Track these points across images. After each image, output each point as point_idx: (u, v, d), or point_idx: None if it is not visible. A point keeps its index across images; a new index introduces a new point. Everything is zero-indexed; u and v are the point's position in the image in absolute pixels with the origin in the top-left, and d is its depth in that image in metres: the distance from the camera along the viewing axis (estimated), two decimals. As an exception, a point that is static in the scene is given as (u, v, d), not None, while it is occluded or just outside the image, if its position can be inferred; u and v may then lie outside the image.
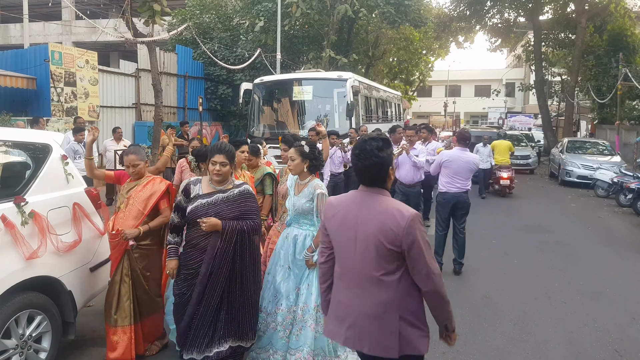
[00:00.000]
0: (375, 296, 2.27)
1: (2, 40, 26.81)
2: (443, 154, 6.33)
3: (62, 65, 12.46)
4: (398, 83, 32.31)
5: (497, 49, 30.33)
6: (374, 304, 2.27)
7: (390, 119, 17.20)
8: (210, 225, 3.24)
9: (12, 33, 27.19)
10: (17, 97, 12.49)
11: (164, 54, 16.58)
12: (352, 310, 2.32)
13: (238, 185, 3.46)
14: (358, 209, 2.31)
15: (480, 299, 5.40)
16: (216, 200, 3.34)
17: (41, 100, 12.37)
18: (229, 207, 3.35)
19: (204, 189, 3.42)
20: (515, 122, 33.35)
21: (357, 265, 2.29)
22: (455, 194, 6.05)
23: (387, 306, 2.26)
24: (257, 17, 17.57)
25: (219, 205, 3.34)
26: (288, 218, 3.77)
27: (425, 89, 42.89)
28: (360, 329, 2.29)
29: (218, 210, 3.32)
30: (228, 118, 19.19)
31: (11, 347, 3.24)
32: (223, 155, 3.30)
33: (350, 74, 11.79)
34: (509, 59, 49.80)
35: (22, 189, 3.51)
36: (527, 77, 39.41)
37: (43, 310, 3.47)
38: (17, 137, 3.86)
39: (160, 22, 12.38)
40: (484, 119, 44.35)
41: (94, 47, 17.19)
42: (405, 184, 7.00)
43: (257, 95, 12.22)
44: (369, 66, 25.54)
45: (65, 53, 12.70)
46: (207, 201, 3.34)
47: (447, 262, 6.26)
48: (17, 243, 3.26)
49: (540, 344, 4.33)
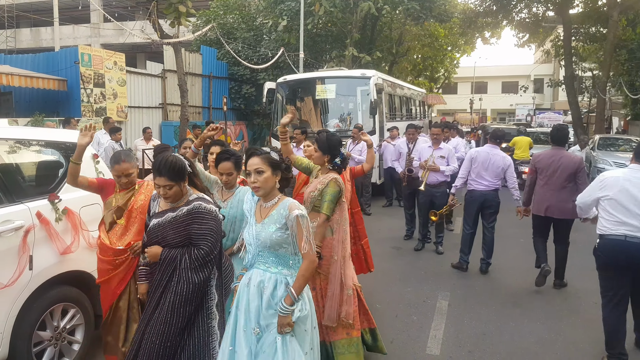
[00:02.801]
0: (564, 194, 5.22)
1: (34, 44, 27.63)
2: (471, 151, 6.26)
3: (91, 67, 12.77)
4: (422, 80, 32.03)
5: (524, 45, 29.61)
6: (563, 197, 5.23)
7: (415, 117, 17.05)
8: (151, 255, 2.76)
9: (43, 36, 28.00)
10: (49, 98, 12.87)
11: (189, 54, 16.81)
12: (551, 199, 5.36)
13: (193, 200, 2.76)
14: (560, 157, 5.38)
15: (508, 298, 5.32)
16: (164, 221, 2.74)
17: (72, 101, 12.72)
18: (174, 230, 2.71)
19: (160, 205, 2.84)
20: (544, 119, 32.66)
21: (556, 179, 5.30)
22: (483, 192, 5.96)
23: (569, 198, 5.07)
24: (280, 17, 17.66)
25: (165, 228, 2.72)
26: (249, 255, 2.67)
27: (451, 85, 42.46)
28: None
29: (164, 234, 2.73)
30: (252, 117, 19.35)
31: (46, 338, 3.36)
32: (164, 178, 2.64)
33: (373, 72, 11.74)
34: (537, 54, 48.70)
35: (55, 186, 3.64)
36: (557, 72, 38.54)
37: (76, 304, 3.59)
38: (50, 137, 3.98)
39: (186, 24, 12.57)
40: (512, 116, 43.62)
41: (122, 49, 17.55)
42: (430, 184, 6.82)
43: (281, 94, 12.27)
44: (392, 63, 25.37)
45: (94, 55, 13.00)
46: (158, 222, 2.76)
47: (474, 261, 6.19)
48: (51, 239, 3.38)
49: (570, 345, 4.25)
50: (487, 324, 4.63)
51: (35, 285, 3.23)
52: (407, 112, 16.28)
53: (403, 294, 5.36)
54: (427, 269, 6.26)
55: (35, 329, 3.26)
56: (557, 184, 5.34)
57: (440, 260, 6.64)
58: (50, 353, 3.39)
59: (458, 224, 8.66)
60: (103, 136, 9.18)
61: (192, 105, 16.45)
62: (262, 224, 2.56)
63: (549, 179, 5.41)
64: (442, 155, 6.81)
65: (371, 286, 5.37)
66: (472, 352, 4.08)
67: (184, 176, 2.74)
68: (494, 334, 4.43)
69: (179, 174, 2.68)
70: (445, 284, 5.71)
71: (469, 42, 30.66)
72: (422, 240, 7.15)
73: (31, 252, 3.21)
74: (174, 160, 2.67)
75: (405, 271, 6.17)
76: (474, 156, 6.00)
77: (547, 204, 5.42)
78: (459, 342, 4.25)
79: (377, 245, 7.27)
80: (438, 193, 6.83)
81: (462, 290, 5.52)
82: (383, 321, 4.63)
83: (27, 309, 3.18)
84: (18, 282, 3.10)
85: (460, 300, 5.20)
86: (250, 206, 2.70)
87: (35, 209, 3.32)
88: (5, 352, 3.06)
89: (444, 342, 4.24)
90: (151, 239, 2.77)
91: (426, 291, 5.46)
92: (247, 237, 2.64)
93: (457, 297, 5.28)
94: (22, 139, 3.64)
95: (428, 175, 6.77)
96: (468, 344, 4.21)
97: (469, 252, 6.18)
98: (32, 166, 3.76)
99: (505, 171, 5.94)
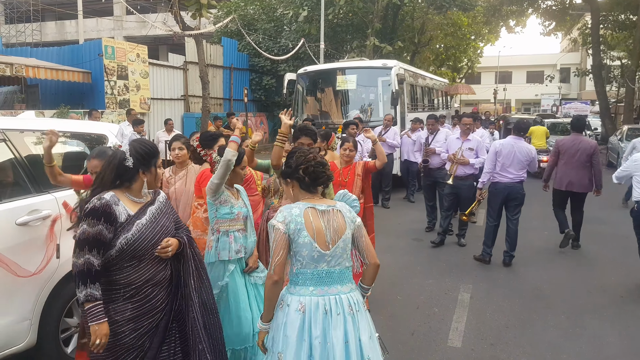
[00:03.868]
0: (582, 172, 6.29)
1: (59, 37, 28.14)
2: (496, 143, 6.13)
3: (114, 59, 12.95)
4: (445, 70, 31.57)
5: (551, 33, 28.94)
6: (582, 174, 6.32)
7: (437, 108, 16.85)
8: (175, 248, 2.52)
9: (68, 29, 28.49)
10: (74, 90, 13.12)
11: (210, 46, 16.91)
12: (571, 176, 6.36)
13: (153, 191, 2.62)
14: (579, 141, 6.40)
15: (531, 291, 5.24)
16: (153, 216, 2.49)
17: (96, 93, 12.95)
18: (167, 220, 2.58)
19: (129, 206, 2.42)
20: (571, 109, 31.82)
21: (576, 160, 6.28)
22: (507, 184, 5.85)
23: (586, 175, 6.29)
24: (301, 7, 17.60)
25: (161, 221, 2.53)
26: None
27: (474, 75, 41.67)
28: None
29: (164, 228, 2.53)
30: (272, 108, 19.42)
31: (73, 325, 3.45)
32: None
33: (395, 62, 11.62)
34: (563, 43, 47.54)
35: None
36: (584, 61, 37.55)
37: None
38: (76, 128, 4.06)
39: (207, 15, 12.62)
40: (537, 107, 42.73)
41: (144, 41, 17.75)
42: (456, 177, 6.62)
43: (301, 85, 12.25)
44: (414, 53, 25.07)
45: (117, 47, 13.18)
46: (146, 220, 2.43)
47: (497, 254, 6.11)
48: (78, 228, 3.44)
49: (596, 339, 4.16)
50: (509, 317, 4.57)
51: (63, 273, 3.29)
52: (430, 102, 16.09)
53: (424, 286, 5.33)
54: (448, 261, 6.20)
55: (63, 315, 3.34)
56: (577, 163, 6.42)
57: (462, 252, 6.57)
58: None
59: (481, 216, 8.55)
60: (126, 128, 9.31)
61: (213, 97, 16.56)
62: None
63: (569, 159, 6.45)
64: (471, 148, 6.61)
65: (392, 278, 5.35)
66: (494, 345, 4.03)
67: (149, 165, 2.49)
68: (516, 327, 4.37)
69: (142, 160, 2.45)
70: (467, 276, 5.65)
71: (493, 30, 30.08)
72: (442, 235, 6.87)
73: (58, 240, 3.28)
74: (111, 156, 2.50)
75: (426, 263, 6.12)
76: (498, 149, 5.89)
77: (568, 179, 6.48)
78: (481, 335, 4.20)
79: (398, 238, 7.24)
80: (464, 186, 6.64)
81: (484, 282, 5.45)
82: (404, 313, 4.61)
83: (54, 296, 3.25)
84: (46, 270, 3.18)
85: (482, 293, 5.14)
86: None
87: (62, 199, 3.39)
88: (34, 338, 3.14)
89: (466, 334, 4.20)
90: (152, 238, 2.41)
91: (448, 283, 5.42)
92: None
93: (479, 290, 5.23)
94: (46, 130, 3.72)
95: (457, 169, 6.61)
96: (490, 337, 4.17)
97: (492, 245, 6.09)
98: (59, 157, 3.83)
99: (529, 163, 5.85)
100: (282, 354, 2.24)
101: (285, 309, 2.31)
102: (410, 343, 4.02)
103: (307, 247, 2.28)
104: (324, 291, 2.30)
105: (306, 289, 2.31)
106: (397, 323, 4.40)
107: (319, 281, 2.31)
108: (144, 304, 2.40)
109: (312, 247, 2.28)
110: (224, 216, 3.24)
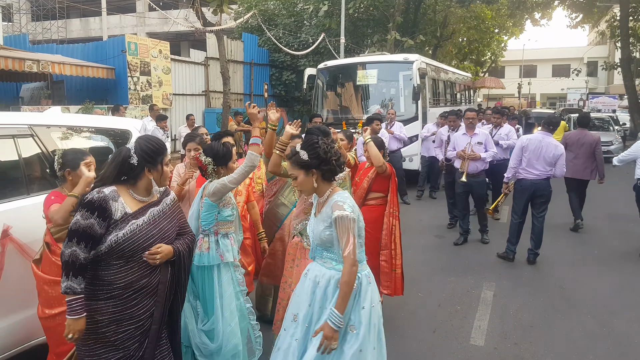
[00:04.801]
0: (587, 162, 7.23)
1: (84, 33, 28.66)
2: (523, 138, 5.94)
3: (137, 55, 13.10)
4: (468, 64, 31.07)
5: (577, 26, 28.20)
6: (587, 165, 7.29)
7: (459, 102, 16.61)
8: (165, 255, 2.36)
9: (91, 26, 28.98)
10: (98, 86, 13.33)
11: (230, 42, 16.98)
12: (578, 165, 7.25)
13: (162, 191, 2.52)
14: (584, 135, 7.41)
15: (556, 290, 5.12)
16: (153, 218, 2.37)
17: (119, 89, 13.13)
18: (170, 223, 2.44)
19: (129, 204, 2.33)
20: (598, 103, 31.02)
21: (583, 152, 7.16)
22: (533, 180, 5.70)
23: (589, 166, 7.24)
24: (321, 2, 17.52)
25: (160, 224, 2.39)
26: (311, 248, 2.70)
27: (498, 69, 40.99)
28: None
29: (162, 232, 2.39)
30: (292, 104, 19.41)
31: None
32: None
33: (417, 56, 11.48)
34: (590, 35, 46.37)
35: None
36: (612, 54, 36.58)
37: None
38: (101, 123, 4.11)
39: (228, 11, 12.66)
40: (562, 101, 41.79)
41: (166, 37, 17.94)
42: (469, 173, 6.45)
43: (321, 80, 12.21)
44: (436, 47, 24.74)
45: (140, 44, 13.33)
46: (144, 221, 2.32)
47: (520, 251, 5.99)
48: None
49: (623, 339, 4.04)
50: (533, 316, 4.47)
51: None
52: (452, 97, 15.87)
53: (446, 283, 5.25)
54: (471, 259, 6.10)
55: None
56: (582, 155, 7.31)
57: (484, 249, 6.46)
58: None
59: (504, 212, 8.41)
60: (149, 123, 9.42)
61: (234, 92, 16.64)
62: (316, 220, 2.57)
63: (576, 151, 7.34)
64: (480, 142, 6.45)
65: (413, 275, 5.28)
66: (518, 344, 3.95)
67: (156, 162, 2.40)
68: (541, 326, 4.27)
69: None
70: (490, 274, 5.55)
71: (517, 23, 29.44)
72: (463, 234, 6.74)
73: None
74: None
75: (448, 260, 6.04)
76: (525, 144, 5.73)
77: (575, 168, 7.30)
78: (505, 334, 4.12)
79: (420, 235, 7.15)
80: (476, 183, 6.47)
81: (507, 280, 5.35)
82: (425, 310, 4.56)
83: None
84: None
85: (506, 291, 5.05)
86: (314, 197, 2.69)
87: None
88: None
89: (489, 332, 4.13)
90: (146, 240, 2.31)
91: (470, 281, 5.33)
92: (308, 229, 2.69)
93: (502, 288, 5.13)
94: (75, 126, 3.81)
95: (468, 165, 6.45)
96: (514, 336, 4.08)
97: (516, 242, 5.96)
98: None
99: (557, 160, 5.68)
100: None
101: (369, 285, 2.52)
102: (432, 340, 3.97)
103: (362, 229, 2.54)
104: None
105: (364, 264, 2.57)
106: (419, 320, 4.35)
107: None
108: (126, 308, 2.28)
109: (362, 228, 2.56)
110: (226, 218, 3.11)
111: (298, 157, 2.48)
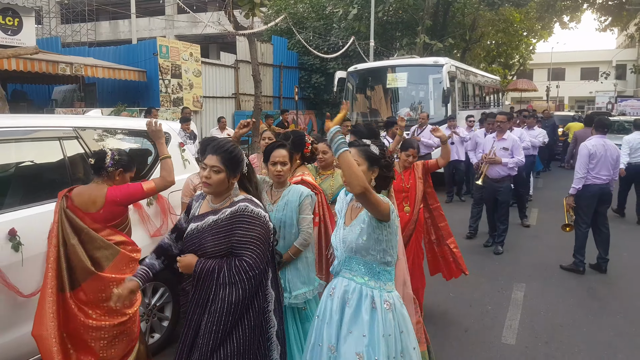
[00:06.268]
0: None
1: (113, 36, 29.16)
2: (587, 144, 5.60)
3: (168, 58, 13.38)
4: (496, 67, 30.69)
5: (606, 29, 27.60)
6: None
7: (488, 105, 16.48)
8: (184, 266, 2.26)
9: (121, 29, 29.44)
10: (129, 89, 13.60)
11: (260, 44, 17.19)
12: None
13: (238, 201, 2.31)
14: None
15: (586, 291, 5.11)
16: (204, 226, 2.29)
17: (150, 91, 13.37)
18: (213, 237, 2.25)
19: (202, 207, 2.39)
20: (627, 106, 30.16)
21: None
22: (601, 185, 5.57)
23: None
24: (351, 5, 17.61)
25: (204, 234, 2.27)
26: (335, 261, 2.44)
27: (526, 72, 40.26)
28: None
29: (201, 242, 2.27)
30: (321, 107, 19.52)
31: (140, 314, 3.63)
32: (216, 157, 2.24)
33: (446, 59, 11.48)
34: (620, 38, 45.16)
35: (146, 172, 3.92)
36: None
37: (165, 283, 3.82)
38: (140, 126, 4.25)
39: (260, 14, 12.85)
40: (591, 104, 40.85)
41: (195, 40, 18.26)
42: (491, 178, 6.34)
43: (351, 83, 12.30)
44: (465, 50, 24.53)
45: (171, 47, 13.61)
46: (197, 227, 2.31)
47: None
48: (143, 222, 3.66)
49: (658, 343, 4.02)
50: (564, 316, 4.48)
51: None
52: (481, 100, 15.77)
53: (477, 283, 5.29)
54: (501, 260, 6.11)
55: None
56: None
57: (514, 251, 6.45)
58: (143, 328, 3.60)
59: (533, 215, 8.35)
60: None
61: (264, 95, 16.83)
62: (350, 226, 2.33)
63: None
64: (506, 147, 6.29)
65: (443, 275, 5.32)
66: (548, 343, 3.98)
67: (237, 169, 2.29)
68: (571, 326, 4.29)
69: (233, 163, 2.26)
70: (520, 275, 5.56)
71: (546, 26, 28.95)
72: (490, 234, 6.75)
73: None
74: (234, 147, 2.31)
75: (478, 261, 6.05)
76: (592, 152, 5.51)
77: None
78: (535, 333, 4.15)
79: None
80: (501, 188, 6.34)
81: (538, 282, 5.35)
82: (456, 310, 4.61)
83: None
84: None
85: (536, 292, 5.06)
86: (341, 206, 2.48)
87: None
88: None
89: (520, 332, 4.16)
90: (187, 247, 2.30)
91: (501, 282, 5.35)
92: (334, 241, 2.43)
93: (532, 289, 5.14)
94: (113, 128, 3.90)
95: (488, 169, 6.32)
96: (544, 335, 4.11)
97: (584, 253, 5.71)
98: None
99: (618, 159, 5.67)
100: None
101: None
102: (463, 340, 4.03)
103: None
104: None
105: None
106: (450, 320, 4.41)
107: None
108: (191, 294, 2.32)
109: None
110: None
111: (368, 149, 2.32)
